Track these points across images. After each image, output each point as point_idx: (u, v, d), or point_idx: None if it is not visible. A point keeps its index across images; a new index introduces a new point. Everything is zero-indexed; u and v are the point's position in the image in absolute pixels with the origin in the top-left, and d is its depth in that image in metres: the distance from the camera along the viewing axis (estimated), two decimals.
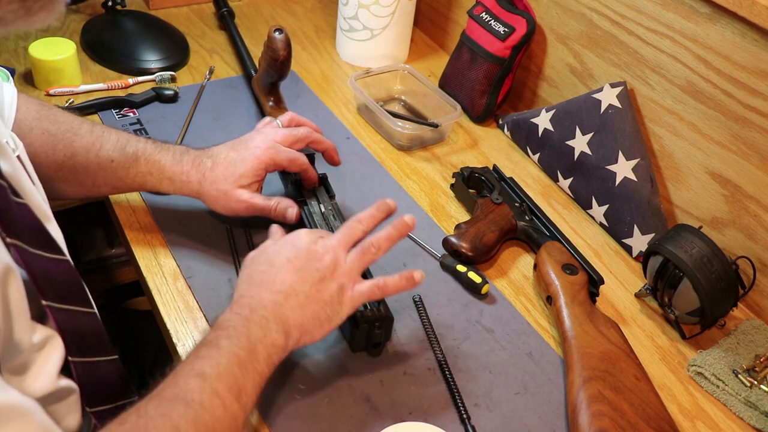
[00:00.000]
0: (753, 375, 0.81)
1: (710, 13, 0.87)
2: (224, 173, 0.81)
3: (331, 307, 0.68)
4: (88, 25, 1.21)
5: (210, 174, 0.82)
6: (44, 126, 0.80)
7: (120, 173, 0.82)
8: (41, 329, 0.59)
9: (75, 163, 0.81)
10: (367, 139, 1.11)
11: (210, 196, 0.82)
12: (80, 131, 0.81)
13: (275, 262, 0.70)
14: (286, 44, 0.97)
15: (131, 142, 0.82)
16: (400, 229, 0.74)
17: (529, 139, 1.11)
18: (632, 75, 1.00)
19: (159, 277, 0.83)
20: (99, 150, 0.81)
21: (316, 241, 0.71)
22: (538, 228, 0.95)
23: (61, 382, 0.61)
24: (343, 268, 0.70)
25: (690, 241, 0.83)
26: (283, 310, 0.66)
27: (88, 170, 0.81)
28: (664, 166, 0.99)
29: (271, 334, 0.64)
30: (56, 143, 0.80)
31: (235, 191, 0.81)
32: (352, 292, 0.70)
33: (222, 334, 0.63)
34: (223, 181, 0.81)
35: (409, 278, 0.72)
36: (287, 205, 0.84)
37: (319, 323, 0.68)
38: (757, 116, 0.86)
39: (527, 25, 1.10)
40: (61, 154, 0.80)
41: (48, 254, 0.61)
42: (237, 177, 0.81)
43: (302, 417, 0.70)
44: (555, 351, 0.82)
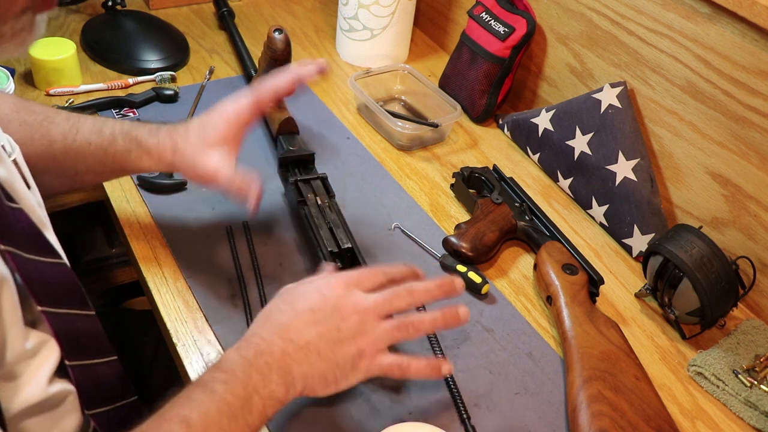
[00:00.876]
0: (753, 375, 0.81)
1: (710, 13, 0.87)
2: (195, 135, 0.78)
3: (341, 371, 0.64)
4: (88, 25, 1.21)
5: (182, 141, 0.79)
6: (21, 117, 0.79)
7: (99, 155, 0.79)
8: (35, 335, 0.59)
9: (54, 150, 0.78)
10: (367, 139, 1.11)
11: (183, 164, 0.79)
12: (56, 119, 0.80)
13: (297, 306, 0.65)
14: (285, 44, 0.97)
15: (108, 123, 0.80)
16: (449, 321, 0.68)
17: (529, 139, 1.11)
18: (632, 75, 1.00)
19: (159, 277, 0.83)
20: (76, 134, 0.79)
21: (348, 295, 0.66)
22: (538, 228, 0.95)
23: (55, 387, 0.60)
24: (369, 336, 0.64)
25: (690, 241, 0.83)
26: (289, 361, 0.62)
27: (68, 156, 0.79)
28: (664, 166, 0.99)
29: (270, 385, 0.61)
30: (33, 133, 0.78)
31: (204, 154, 0.77)
32: (370, 363, 0.65)
33: (219, 377, 0.60)
34: (195, 146, 0.78)
35: (436, 368, 0.67)
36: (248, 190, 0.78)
37: (325, 383, 0.64)
38: (757, 116, 0.86)
39: (527, 25, 1.10)
40: (39, 143, 0.78)
41: (44, 258, 0.61)
42: (208, 133, 0.78)
43: (302, 417, 0.70)
44: (555, 351, 0.82)
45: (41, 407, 0.59)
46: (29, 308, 0.58)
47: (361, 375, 0.65)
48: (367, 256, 0.86)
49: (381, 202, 0.98)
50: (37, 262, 0.60)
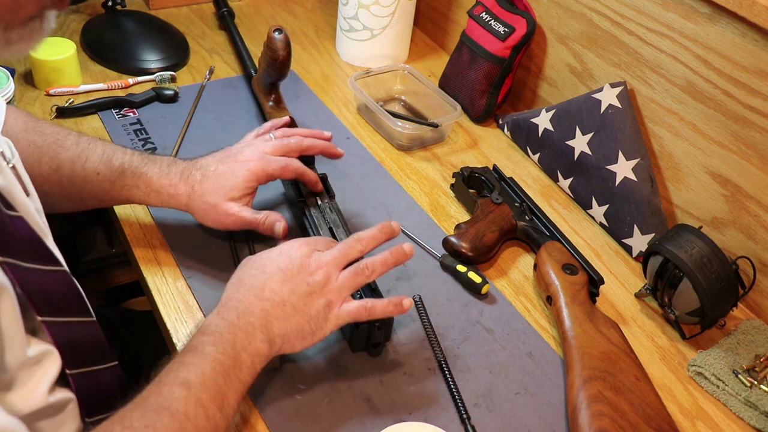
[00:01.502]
0: (753, 375, 0.81)
1: (710, 13, 0.87)
2: (214, 186, 0.80)
3: (315, 321, 0.69)
4: (88, 25, 1.21)
5: (199, 187, 0.80)
6: (30, 138, 0.79)
7: (106, 186, 0.80)
8: (36, 345, 0.59)
9: (61, 176, 0.79)
10: (367, 139, 1.11)
11: (199, 209, 0.81)
12: (66, 143, 0.80)
13: (267, 269, 0.70)
14: (285, 44, 0.97)
15: (117, 155, 0.81)
16: (397, 257, 0.74)
17: (529, 139, 1.11)
18: (632, 75, 1.00)
19: (159, 277, 0.83)
20: (85, 162, 0.79)
21: (310, 254, 0.71)
22: (538, 228, 0.95)
23: (55, 396, 0.60)
24: (333, 285, 0.70)
25: (690, 241, 0.83)
26: (269, 318, 0.67)
27: (74, 183, 0.80)
28: (664, 166, 0.99)
29: (255, 342, 0.65)
30: (42, 155, 0.79)
31: (225, 204, 0.80)
32: (338, 310, 0.70)
33: (207, 339, 0.63)
34: (213, 194, 0.80)
35: (398, 304, 0.72)
36: (275, 219, 0.82)
37: (302, 335, 0.68)
38: (757, 116, 0.86)
39: (527, 25, 1.10)
40: (47, 166, 0.79)
41: (44, 266, 0.61)
42: (227, 190, 0.80)
43: (302, 417, 0.70)
44: (555, 351, 0.82)
45: (41, 415, 0.59)
46: (29, 318, 0.58)
47: (332, 324, 0.70)
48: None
49: (381, 202, 0.98)
50: (36, 271, 0.59)
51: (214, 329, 0.64)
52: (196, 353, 0.61)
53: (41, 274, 0.60)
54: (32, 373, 0.58)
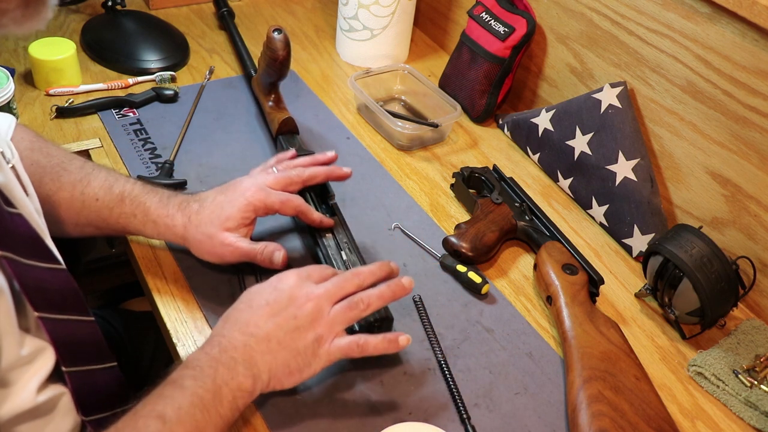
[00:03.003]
0: (753, 375, 0.81)
1: (710, 13, 0.87)
2: (210, 216, 0.78)
3: (303, 357, 0.66)
4: (88, 25, 1.21)
5: (195, 217, 0.78)
6: (35, 157, 0.78)
7: (104, 213, 0.79)
8: (31, 342, 0.59)
9: (60, 198, 0.78)
10: (367, 139, 1.11)
11: (195, 241, 0.78)
12: (70, 167, 0.79)
13: (254, 302, 0.68)
14: (285, 44, 0.97)
15: (119, 182, 0.79)
16: (395, 291, 0.71)
17: (529, 139, 1.11)
18: (632, 75, 1.00)
19: (159, 277, 0.83)
20: (85, 187, 0.78)
21: (301, 285, 0.69)
22: (538, 228, 0.95)
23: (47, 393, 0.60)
24: (324, 319, 0.67)
25: (690, 241, 0.83)
26: (252, 354, 0.65)
27: (72, 207, 0.78)
28: (664, 166, 0.99)
29: (238, 377, 0.63)
30: (44, 176, 0.78)
31: (221, 234, 0.77)
32: (329, 346, 0.67)
33: (188, 373, 0.62)
34: (209, 224, 0.78)
35: (393, 341, 0.70)
36: (274, 249, 0.79)
37: (288, 371, 0.66)
38: (757, 116, 0.86)
39: (527, 25, 1.10)
40: (47, 187, 0.78)
41: (43, 264, 0.61)
42: (223, 219, 0.77)
43: (302, 417, 0.70)
44: (555, 351, 0.82)
45: (33, 414, 0.59)
46: (25, 315, 0.58)
47: (323, 360, 0.67)
48: (367, 257, 0.87)
49: (381, 202, 0.98)
50: (35, 268, 0.59)
51: (195, 363, 0.63)
52: (175, 386, 0.60)
53: (40, 271, 0.60)
54: (23, 373, 0.58)
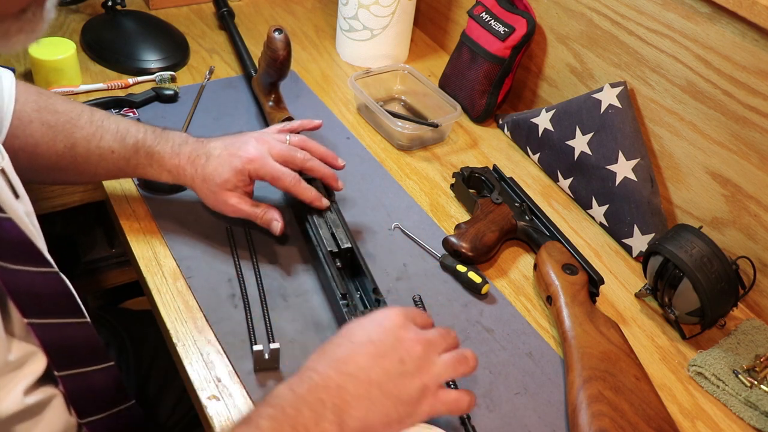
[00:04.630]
0: (753, 375, 0.81)
1: (710, 13, 0.87)
2: (213, 173, 0.82)
3: (405, 408, 0.58)
4: (88, 25, 1.21)
5: (202, 171, 0.82)
6: (44, 118, 0.80)
7: (120, 164, 0.83)
8: (19, 347, 0.58)
9: (76, 154, 0.81)
10: (367, 139, 1.11)
11: (202, 193, 0.84)
12: (80, 122, 0.81)
13: (355, 337, 0.60)
14: (285, 44, 0.97)
15: (131, 132, 0.82)
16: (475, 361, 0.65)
17: (529, 139, 1.11)
18: (632, 75, 1.00)
19: (159, 277, 0.83)
20: (99, 141, 0.81)
21: (407, 326, 0.61)
22: (538, 228, 0.95)
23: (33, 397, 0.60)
24: (432, 371, 0.60)
25: (690, 241, 0.83)
26: (347, 397, 0.56)
27: (90, 161, 0.82)
28: (664, 166, 0.99)
29: (323, 423, 0.55)
30: (56, 135, 0.80)
31: (223, 193, 0.82)
32: (434, 400, 0.60)
33: (267, 412, 0.55)
34: (212, 182, 0.82)
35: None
36: (273, 217, 0.83)
37: (387, 424, 0.57)
38: (757, 116, 0.86)
39: (527, 25, 1.10)
40: (62, 145, 0.80)
41: (33, 268, 0.60)
42: (223, 180, 0.81)
43: None
44: (555, 351, 0.82)
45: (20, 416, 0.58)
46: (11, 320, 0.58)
47: (424, 414, 0.59)
48: (367, 256, 0.87)
49: (381, 202, 0.98)
50: (25, 273, 0.59)
51: (277, 401, 0.56)
52: (250, 426, 0.54)
53: (30, 275, 0.59)
54: (10, 378, 0.57)
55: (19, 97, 0.79)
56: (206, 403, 0.71)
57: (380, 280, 0.84)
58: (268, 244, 0.88)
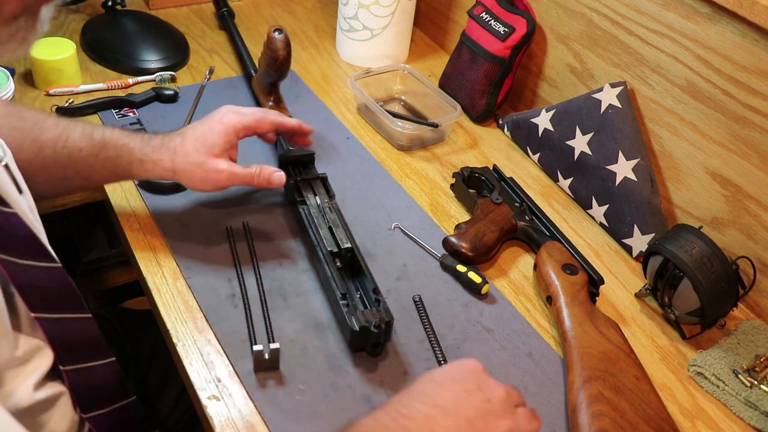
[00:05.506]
0: (753, 375, 0.81)
1: (710, 13, 0.87)
2: (194, 145, 0.80)
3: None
4: (88, 25, 1.21)
5: (181, 149, 0.80)
6: (11, 123, 0.79)
7: (89, 161, 0.80)
8: (26, 342, 0.59)
9: (44, 157, 0.79)
10: (367, 139, 1.11)
11: (186, 171, 0.81)
12: (46, 124, 0.80)
13: (438, 378, 0.60)
14: (285, 44, 0.97)
15: (97, 130, 0.81)
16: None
17: (529, 139, 1.11)
18: (632, 75, 1.00)
19: (159, 277, 0.83)
20: (66, 141, 0.79)
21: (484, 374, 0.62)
22: (538, 228, 0.95)
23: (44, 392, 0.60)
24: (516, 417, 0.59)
25: (690, 241, 0.83)
26: (434, 427, 0.55)
27: (58, 163, 0.79)
28: (664, 166, 0.99)
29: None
30: (24, 139, 0.78)
31: (211, 161, 0.80)
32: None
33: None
34: (196, 153, 0.80)
35: None
36: (271, 170, 0.82)
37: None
38: (757, 116, 0.85)
39: (527, 25, 1.10)
40: (29, 150, 0.78)
41: (39, 263, 0.60)
42: (208, 146, 0.80)
43: (302, 417, 0.70)
44: (555, 351, 0.82)
45: (32, 411, 0.59)
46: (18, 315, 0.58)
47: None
48: (367, 257, 0.87)
49: (381, 202, 0.98)
50: (31, 267, 0.59)
51: (358, 428, 0.55)
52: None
53: (36, 270, 0.60)
54: (18, 372, 0.58)
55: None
56: (206, 403, 0.71)
57: (380, 280, 0.84)
58: (268, 244, 0.88)
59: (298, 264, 0.87)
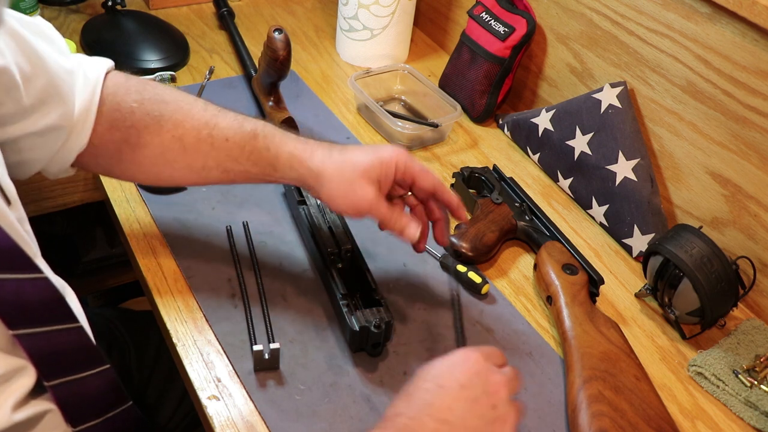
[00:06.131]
0: (753, 375, 0.81)
1: (710, 13, 0.87)
2: (352, 159, 0.72)
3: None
4: (88, 25, 1.21)
5: (338, 155, 0.73)
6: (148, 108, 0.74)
7: (234, 152, 0.74)
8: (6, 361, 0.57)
9: (184, 144, 0.74)
10: (367, 139, 1.11)
11: (332, 181, 0.72)
12: (192, 111, 0.75)
13: (444, 382, 0.59)
14: (285, 44, 0.97)
15: (249, 121, 0.75)
16: None
17: (529, 139, 1.11)
18: (632, 75, 1.00)
19: (159, 277, 0.83)
20: (213, 129, 0.74)
21: (491, 370, 0.61)
22: (538, 228, 0.95)
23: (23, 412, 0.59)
24: (515, 416, 0.60)
25: (690, 241, 0.83)
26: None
27: (199, 150, 0.74)
28: (664, 166, 0.99)
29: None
30: (163, 125, 0.74)
31: (362, 182, 0.72)
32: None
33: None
34: (350, 167, 0.72)
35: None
36: (410, 220, 0.75)
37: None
38: (757, 116, 0.86)
39: (527, 25, 1.10)
40: (169, 135, 0.74)
41: (20, 275, 0.58)
42: (366, 167, 0.72)
43: (302, 417, 0.70)
44: (555, 351, 0.82)
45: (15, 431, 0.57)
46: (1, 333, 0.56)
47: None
48: (367, 257, 0.87)
49: None
50: (11, 282, 0.57)
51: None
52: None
53: (17, 283, 0.58)
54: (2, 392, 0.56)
55: (117, 89, 0.75)
56: (206, 403, 0.71)
57: (380, 280, 0.84)
58: (268, 244, 0.88)
59: (298, 264, 0.87)
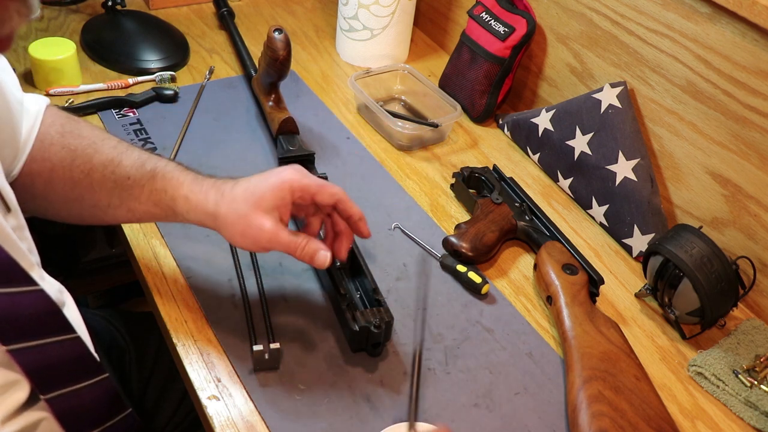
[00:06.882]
0: (753, 375, 0.81)
1: (710, 13, 0.87)
2: (244, 194, 0.71)
3: None
4: (88, 25, 1.21)
5: (230, 193, 0.71)
6: (66, 141, 0.75)
7: (135, 192, 0.74)
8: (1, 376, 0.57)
9: (92, 180, 0.74)
10: (367, 139, 1.11)
11: (227, 221, 0.71)
12: (102, 147, 0.75)
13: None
14: (285, 44, 0.97)
15: (151, 160, 0.75)
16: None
17: (529, 139, 1.11)
18: (632, 75, 1.00)
19: (159, 277, 0.83)
20: (116, 167, 0.74)
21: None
22: (538, 228, 0.95)
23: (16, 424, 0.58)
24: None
25: (690, 241, 0.83)
26: None
27: (104, 187, 0.74)
28: (664, 166, 0.99)
29: None
30: (75, 158, 0.74)
31: (256, 215, 0.69)
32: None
33: None
34: (242, 202, 0.70)
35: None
36: (318, 247, 0.71)
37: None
38: (757, 116, 0.86)
39: (527, 25, 1.10)
40: (79, 170, 0.74)
41: (14, 289, 0.58)
42: (257, 198, 0.70)
43: (302, 417, 0.70)
44: (555, 351, 0.82)
45: None
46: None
47: None
48: (367, 256, 0.87)
49: (381, 202, 0.98)
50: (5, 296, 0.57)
51: None
52: None
53: (10, 297, 0.58)
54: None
55: (45, 120, 0.76)
56: (206, 403, 0.71)
57: (380, 280, 0.85)
58: None
59: (298, 264, 0.86)
